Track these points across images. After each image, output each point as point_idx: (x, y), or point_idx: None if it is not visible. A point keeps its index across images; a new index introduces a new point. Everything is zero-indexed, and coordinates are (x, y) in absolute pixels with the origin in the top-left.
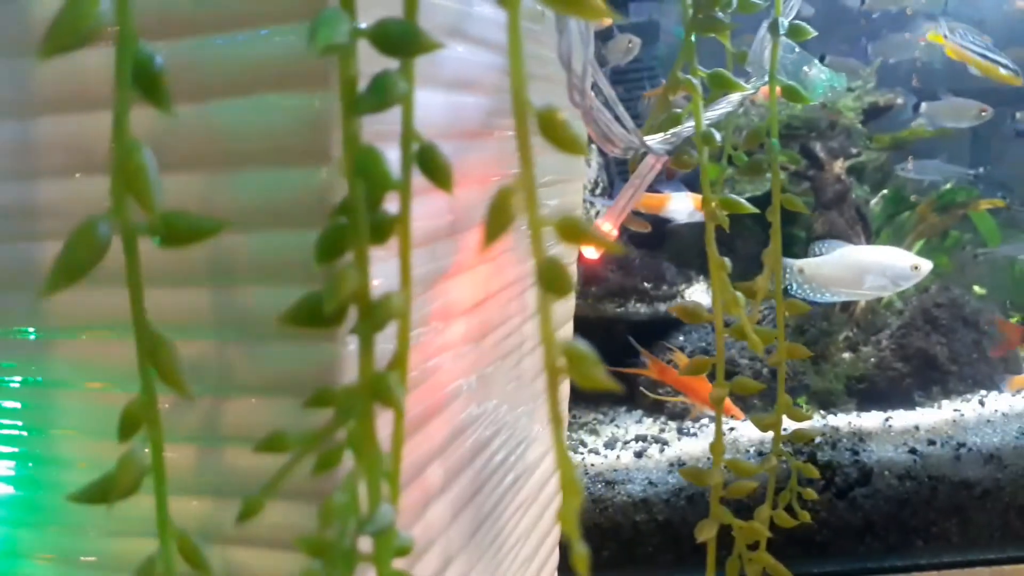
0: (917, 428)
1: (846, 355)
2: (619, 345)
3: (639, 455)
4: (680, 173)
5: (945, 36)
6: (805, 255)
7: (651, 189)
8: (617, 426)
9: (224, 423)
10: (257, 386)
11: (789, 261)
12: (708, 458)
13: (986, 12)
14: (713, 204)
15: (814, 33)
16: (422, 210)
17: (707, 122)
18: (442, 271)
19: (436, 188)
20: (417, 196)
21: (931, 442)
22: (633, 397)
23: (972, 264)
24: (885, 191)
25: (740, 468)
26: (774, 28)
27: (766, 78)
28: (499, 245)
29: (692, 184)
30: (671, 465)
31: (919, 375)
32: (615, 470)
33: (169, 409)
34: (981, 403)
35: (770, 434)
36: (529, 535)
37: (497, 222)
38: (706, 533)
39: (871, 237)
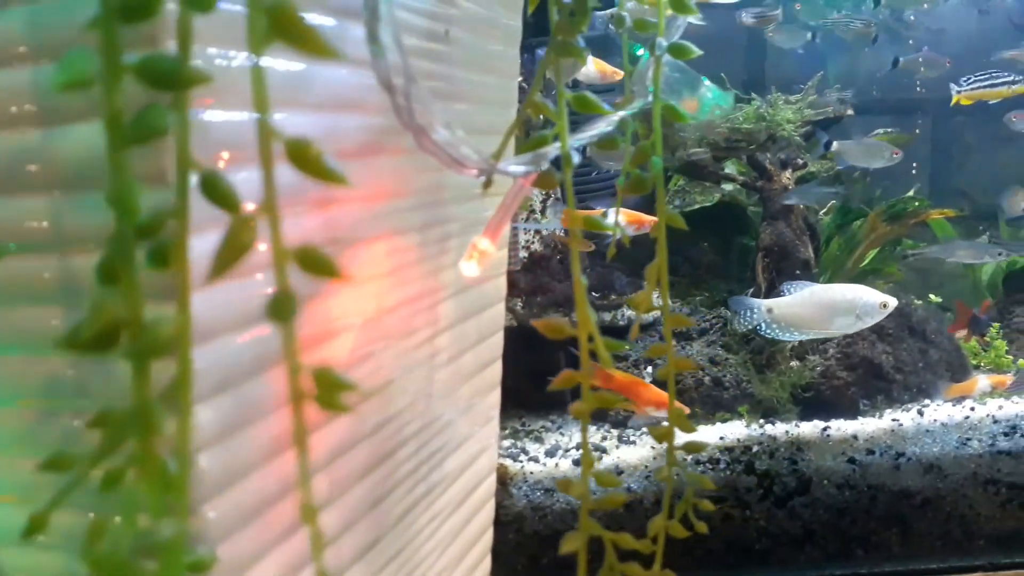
0: (855, 437)
1: (794, 364)
2: (564, 354)
3: (578, 463)
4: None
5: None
6: (751, 267)
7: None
8: (562, 434)
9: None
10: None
11: (758, 301)
12: (646, 466)
13: (946, 22)
14: (575, 232)
15: (698, 52)
16: (295, 231)
17: (581, 142)
18: (317, 289)
19: (311, 208)
20: (289, 217)
21: (870, 451)
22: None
23: (931, 274)
24: (833, 201)
25: (606, 480)
26: (654, 49)
27: (649, 98)
28: (396, 260)
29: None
30: (609, 473)
31: (864, 384)
32: (554, 478)
33: None
34: (920, 413)
35: (709, 441)
36: (451, 543)
37: (230, 251)
38: (571, 545)
39: (819, 247)
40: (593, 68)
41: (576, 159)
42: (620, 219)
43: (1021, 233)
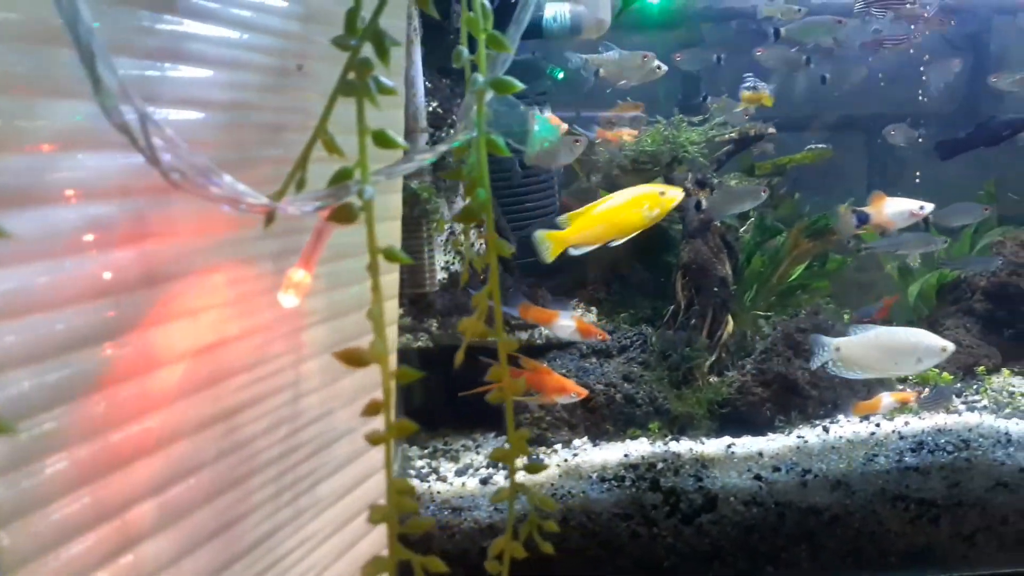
0: (761, 454)
1: (713, 379)
2: (482, 373)
3: (484, 482)
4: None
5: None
6: (673, 279)
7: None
8: (478, 452)
9: None
10: None
11: (827, 339)
12: (552, 484)
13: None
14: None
15: (520, 87)
16: (96, 266)
17: (389, 176)
18: (133, 321)
19: (121, 243)
20: (92, 252)
21: (776, 468)
22: (494, 422)
23: (868, 288)
24: (751, 218)
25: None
26: (473, 84)
27: (474, 132)
28: (241, 289)
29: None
30: (516, 492)
31: (779, 400)
32: (461, 497)
33: None
34: (825, 430)
35: (613, 459)
36: (332, 563)
37: None
38: (371, 570)
39: (738, 264)
40: None
41: (369, 192)
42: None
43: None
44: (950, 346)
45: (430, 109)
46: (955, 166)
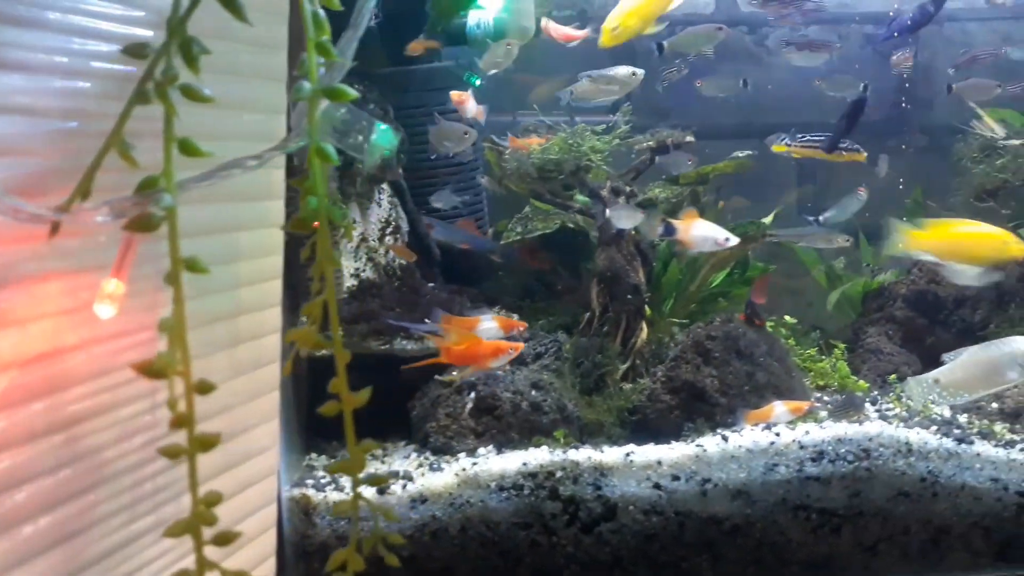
0: (660, 463)
1: (627, 387)
2: (394, 382)
3: (381, 492)
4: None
5: (788, 143)
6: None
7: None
8: (383, 462)
9: None
10: None
11: (924, 377)
12: (450, 493)
13: None
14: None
15: (355, 95)
16: None
17: (195, 186)
18: None
19: None
20: None
21: (675, 477)
22: (410, 433)
23: (799, 295)
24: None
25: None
26: (298, 92)
27: (307, 138)
28: (80, 298)
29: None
30: (413, 501)
31: (687, 407)
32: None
33: None
34: (724, 439)
35: (512, 467)
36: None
37: None
38: None
39: (651, 271)
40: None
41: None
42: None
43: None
44: None
45: (339, 115)
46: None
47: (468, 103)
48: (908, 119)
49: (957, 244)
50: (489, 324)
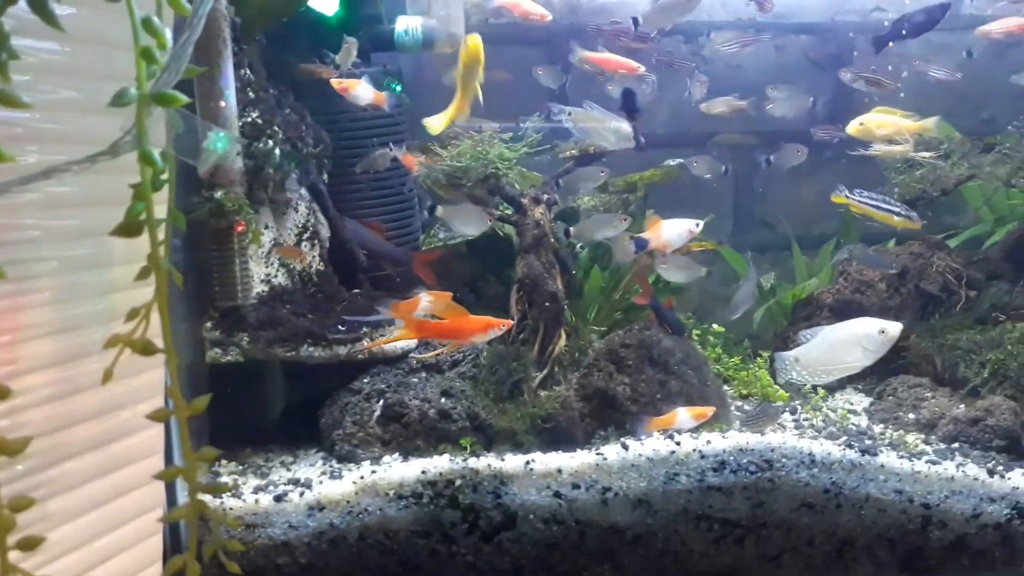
0: (560, 471)
1: (543, 394)
2: (310, 389)
3: (279, 499)
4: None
5: (847, 196)
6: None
7: None
8: (290, 469)
9: None
10: None
11: (786, 354)
12: (348, 501)
13: (744, 57)
14: None
15: (186, 100)
16: None
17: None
18: None
19: None
20: None
21: (575, 486)
22: (319, 439)
23: (718, 304)
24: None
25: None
26: (121, 97)
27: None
28: None
29: None
30: (311, 509)
31: (598, 415)
32: (255, 514)
33: None
34: (624, 447)
35: (411, 475)
36: None
37: None
38: None
39: (571, 279)
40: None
41: None
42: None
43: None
44: (891, 327)
45: (248, 120)
46: (820, 182)
47: (358, 90)
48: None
49: None
50: (425, 300)
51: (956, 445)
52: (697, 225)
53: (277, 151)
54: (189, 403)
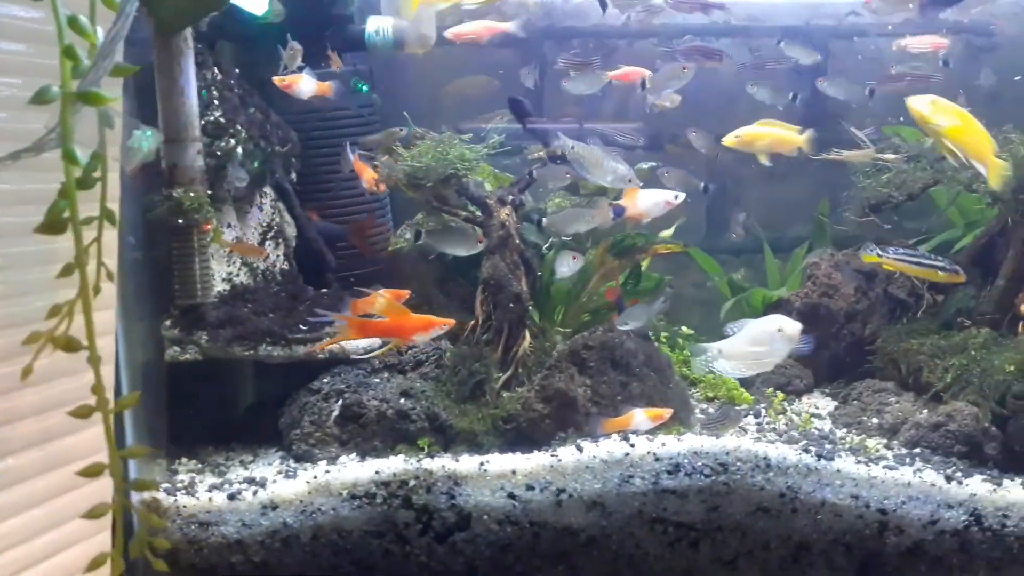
0: (514, 472)
1: (506, 395)
2: (273, 389)
3: (232, 497)
4: None
5: (880, 255)
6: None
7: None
8: (247, 468)
9: None
10: None
11: (708, 345)
12: (301, 500)
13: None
14: None
15: (112, 99)
16: None
17: None
18: None
19: None
20: None
21: (530, 487)
22: (277, 437)
23: (692, 307)
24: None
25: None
26: (43, 94)
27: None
28: None
29: None
30: (264, 507)
31: (559, 416)
32: (208, 512)
33: None
34: (579, 448)
35: (365, 476)
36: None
37: None
38: None
39: (535, 280)
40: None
41: None
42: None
43: (789, 266)
44: (789, 325)
45: (211, 119)
46: (794, 187)
47: (300, 84)
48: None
49: None
50: (385, 299)
51: (918, 450)
52: (676, 197)
53: (240, 150)
54: (118, 401)
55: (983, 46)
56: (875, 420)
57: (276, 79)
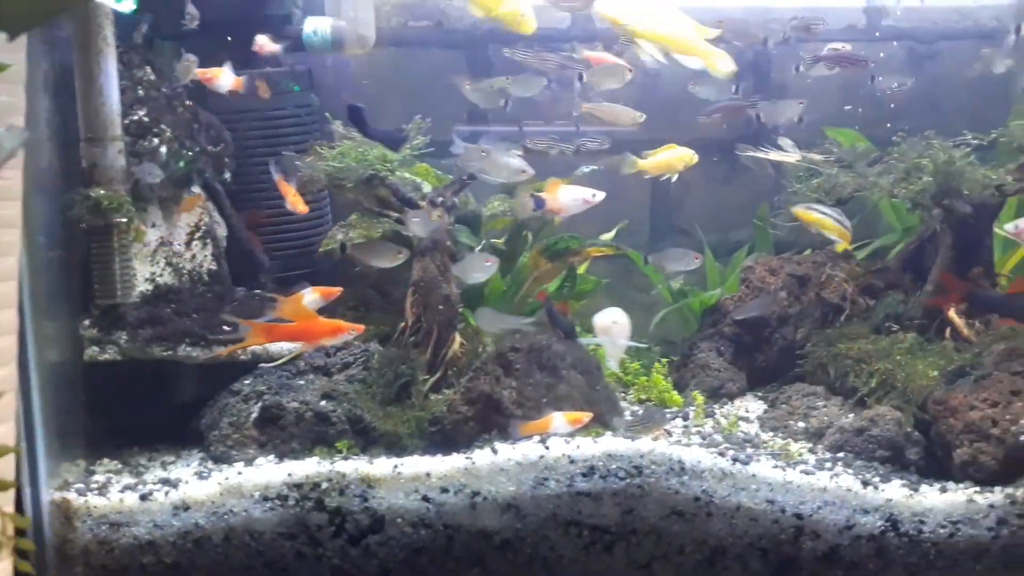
0: (428, 475)
1: (436, 397)
2: (191, 389)
3: (144, 498)
4: None
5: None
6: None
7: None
8: (167, 469)
9: None
10: None
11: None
12: (213, 501)
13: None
14: None
15: None
16: None
17: None
18: None
19: None
20: None
21: (444, 490)
22: (201, 438)
23: (635, 310)
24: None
25: None
26: None
27: None
28: None
29: None
30: (176, 509)
31: (482, 419)
32: (119, 512)
33: None
34: (494, 451)
35: (277, 478)
36: None
37: None
38: None
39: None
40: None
41: None
42: None
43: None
44: (621, 318)
45: (135, 118)
46: (738, 190)
47: (221, 78)
48: (760, 136)
49: None
50: (312, 296)
51: (841, 455)
52: (594, 195)
53: (164, 149)
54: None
55: (924, 53)
56: (802, 424)
57: (198, 72)
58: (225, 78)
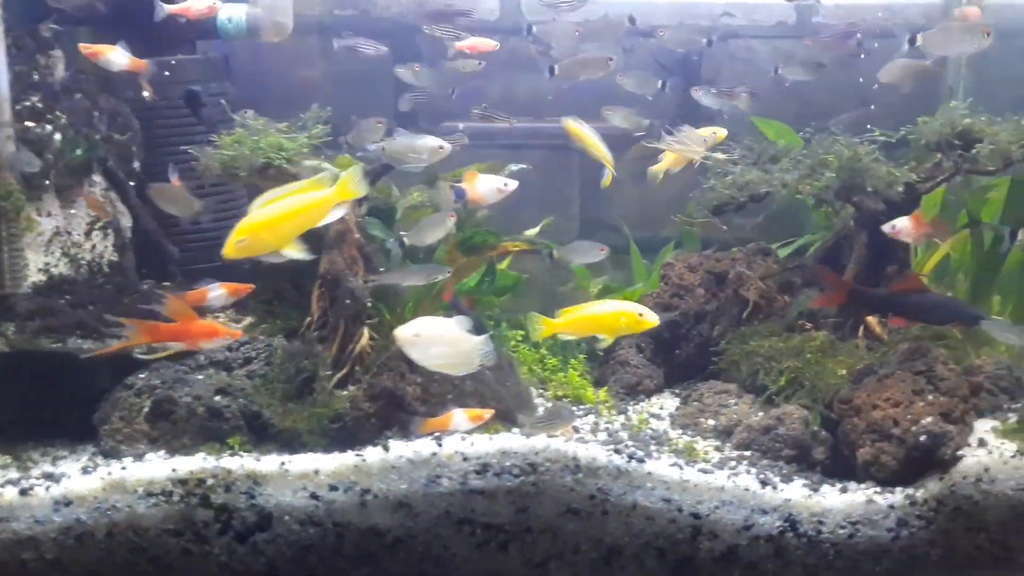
0: (317, 472)
1: (344, 392)
2: (89, 383)
3: (24, 493)
4: None
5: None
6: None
7: None
8: (55, 464)
9: None
10: None
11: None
12: (95, 497)
13: None
14: None
15: None
16: None
17: None
18: None
19: None
20: None
21: (333, 487)
22: (94, 434)
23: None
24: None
25: None
26: None
27: None
28: None
29: None
30: (57, 504)
31: (385, 415)
32: None
33: None
34: (385, 448)
35: (161, 473)
36: None
37: None
38: None
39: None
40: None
41: None
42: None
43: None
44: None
45: (28, 104)
46: (668, 186)
47: (110, 55)
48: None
49: (591, 323)
50: (218, 292)
51: (748, 453)
52: (506, 184)
53: (58, 136)
54: None
55: (853, 52)
56: (711, 422)
57: (82, 46)
58: (116, 56)
